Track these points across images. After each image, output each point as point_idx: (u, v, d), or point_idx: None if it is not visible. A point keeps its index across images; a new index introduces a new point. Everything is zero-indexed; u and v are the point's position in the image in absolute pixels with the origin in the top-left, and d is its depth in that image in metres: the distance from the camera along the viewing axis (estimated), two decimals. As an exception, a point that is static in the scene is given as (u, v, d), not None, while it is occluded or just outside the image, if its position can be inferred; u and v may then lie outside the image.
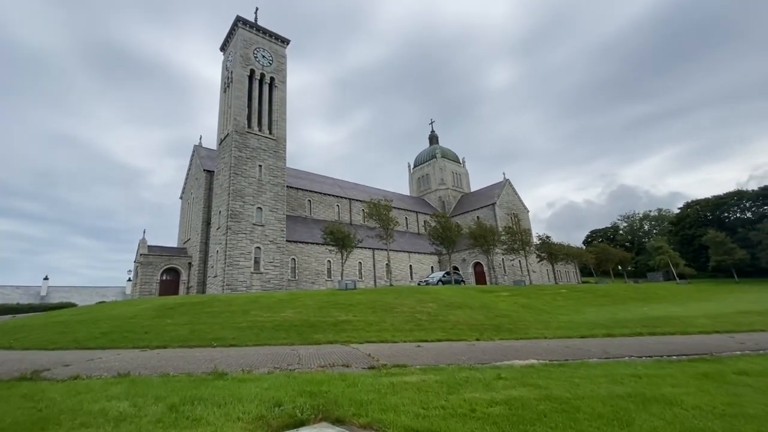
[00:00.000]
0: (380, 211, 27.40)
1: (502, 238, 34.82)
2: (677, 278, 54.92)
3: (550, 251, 36.59)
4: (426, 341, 12.27)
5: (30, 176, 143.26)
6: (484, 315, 16.62)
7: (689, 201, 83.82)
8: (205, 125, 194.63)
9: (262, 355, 7.91)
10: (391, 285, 27.94)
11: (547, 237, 37.84)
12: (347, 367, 6.20)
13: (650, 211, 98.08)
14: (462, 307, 17.32)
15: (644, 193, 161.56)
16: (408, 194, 73.64)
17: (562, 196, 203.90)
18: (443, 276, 30.20)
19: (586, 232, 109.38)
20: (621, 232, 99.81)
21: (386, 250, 31.62)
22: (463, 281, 33.99)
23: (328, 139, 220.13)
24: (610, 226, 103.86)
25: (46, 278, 58.82)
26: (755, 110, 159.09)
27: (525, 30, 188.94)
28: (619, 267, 55.19)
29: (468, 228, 39.15)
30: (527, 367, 6.08)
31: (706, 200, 75.31)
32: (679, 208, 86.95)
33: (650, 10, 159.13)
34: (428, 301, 17.74)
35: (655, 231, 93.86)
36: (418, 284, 30.67)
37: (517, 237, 34.63)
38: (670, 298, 31.67)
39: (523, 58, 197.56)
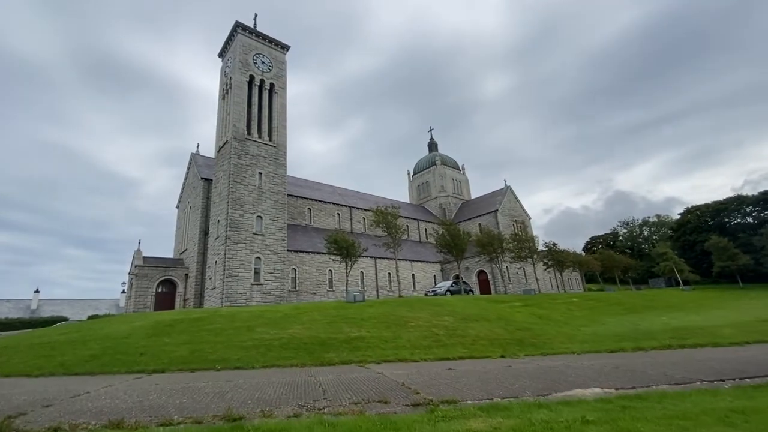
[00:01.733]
0: (387, 218, 26.43)
1: (509, 245, 33.90)
2: (682, 284, 54.16)
3: (558, 259, 35.69)
4: (448, 359, 11.30)
5: (21, 186, 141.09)
6: (504, 328, 15.62)
7: (689, 206, 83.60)
8: (201, 134, 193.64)
9: (277, 383, 6.87)
10: (400, 296, 26.81)
11: (554, 244, 36.97)
12: (386, 403, 5.18)
13: (649, 217, 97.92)
14: (479, 320, 16.31)
15: (641, 198, 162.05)
16: (408, 201, 72.79)
17: (559, 202, 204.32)
18: (451, 285, 29.18)
19: (584, 238, 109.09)
20: (621, 238, 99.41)
21: (394, 259, 30.55)
22: (472, 290, 32.99)
23: (322, 147, 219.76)
24: (609, 232, 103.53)
25: (36, 291, 57.08)
26: (749, 115, 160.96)
27: (517, 40, 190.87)
28: (625, 274, 54.40)
29: (476, 236, 38.21)
30: (601, 401, 5.10)
31: (706, 206, 75.11)
32: (679, 214, 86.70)
33: (642, 19, 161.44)
34: (443, 314, 16.72)
35: (655, 237, 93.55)
36: (426, 294, 29.63)
37: (524, 244, 33.74)
38: (682, 306, 30.83)
39: (516, 67, 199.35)
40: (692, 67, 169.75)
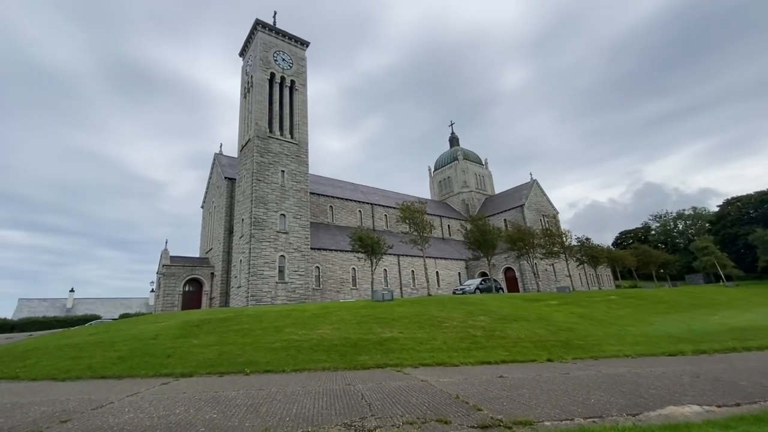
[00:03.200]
0: (415, 215, 25.54)
1: (541, 241, 32.34)
2: (725, 280, 50.94)
3: (591, 254, 33.91)
4: (490, 363, 10.44)
5: (56, 191, 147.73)
6: (545, 329, 14.55)
7: (729, 198, 79.15)
8: (224, 136, 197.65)
9: (314, 393, 6.20)
10: (429, 294, 25.94)
11: (587, 239, 35.18)
12: (446, 423, 4.39)
13: (684, 209, 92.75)
14: (518, 320, 15.29)
15: (673, 190, 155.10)
16: (429, 198, 71.58)
17: (585, 196, 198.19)
18: (480, 283, 28.03)
19: (612, 233, 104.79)
20: (653, 232, 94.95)
21: (417, 256, 29.66)
22: (502, 288, 31.64)
23: (339, 146, 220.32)
24: (641, 226, 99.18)
25: (71, 290, 59.35)
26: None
27: (536, 30, 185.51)
28: (662, 270, 51.65)
29: (505, 231, 36.79)
30: (714, 425, 4.14)
31: (749, 196, 70.83)
32: (717, 206, 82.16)
33: (667, 3, 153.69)
34: (478, 313, 15.78)
35: (691, 231, 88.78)
36: (454, 293, 28.65)
37: (557, 240, 32.14)
38: (732, 304, 28.70)
39: (535, 58, 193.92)
40: (723, 50, 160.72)
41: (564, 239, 32.67)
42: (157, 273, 38.56)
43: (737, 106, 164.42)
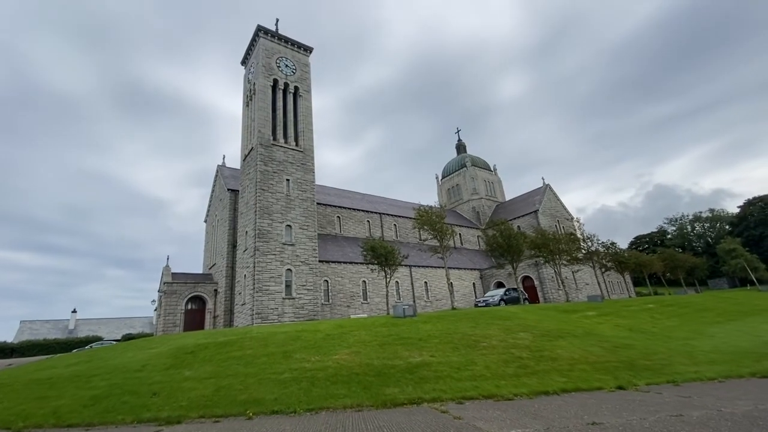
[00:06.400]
0: (433, 219, 23.57)
1: (567, 246, 30.08)
2: (757, 284, 48.05)
3: (619, 260, 31.61)
4: (548, 393, 8.46)
5: (64, 212, 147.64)
6: (599, 346, 12.44)
7: (750, 198, 76.50)
8: (226, 152, 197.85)
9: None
10: (454, 308, 23.82)
11: (612, 243, 32.94)
12: None
13: (701, 211, 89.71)
14: (564, 336, 13.17)
15: (685, 192, 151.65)
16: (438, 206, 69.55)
17: (593, 201, 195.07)
18: (505, 294, 25.83)
19: (624, 238, 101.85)
20: (669, 236, 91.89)
21: (434, 267, 27.61)
22: (527, 298, 29.36)
23: (341, 159, 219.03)
24: (656, 230, 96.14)
25: (74, 311, 57.57)
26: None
27: (534, 40, 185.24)
28: (688, 274, 48.95)
29: (529, 237, 34.60)
30: None
31: (772, 196, 68.11)
32: (738, 207, 79.41)
33: (666, 6, 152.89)
34: (516, 329, 13.69)
35: (709, 234, 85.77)
36: (476, 305, 26.47)
37: (582, 245, 29.93)
38: (780, 310, 26.23)
39: (534, 66, 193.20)
40: (723, 52, 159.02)
41: (590, 244, 30.49)
42: (158, 291, 36.74)
43: (738, 108, 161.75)
